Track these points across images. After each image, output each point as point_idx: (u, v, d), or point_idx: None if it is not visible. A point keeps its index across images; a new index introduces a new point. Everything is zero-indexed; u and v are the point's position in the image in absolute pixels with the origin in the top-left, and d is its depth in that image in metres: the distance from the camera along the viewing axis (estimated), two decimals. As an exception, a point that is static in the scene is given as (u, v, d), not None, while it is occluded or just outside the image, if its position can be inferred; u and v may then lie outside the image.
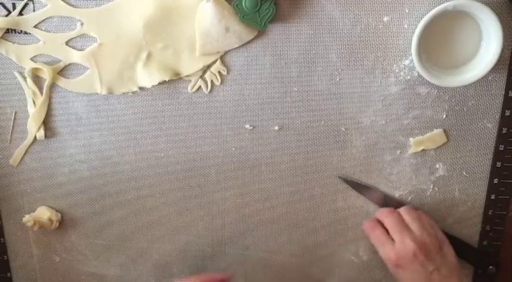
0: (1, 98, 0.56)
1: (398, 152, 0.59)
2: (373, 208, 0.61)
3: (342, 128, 0.58)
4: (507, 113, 0.57)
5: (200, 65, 0.54)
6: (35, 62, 0.54)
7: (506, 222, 0.61)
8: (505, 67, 0.55)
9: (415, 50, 0.51)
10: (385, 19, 0.53)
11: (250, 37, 0.53)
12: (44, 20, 0.53)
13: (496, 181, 0.59)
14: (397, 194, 0.60)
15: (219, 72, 0.55)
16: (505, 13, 0.52)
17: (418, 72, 0.54)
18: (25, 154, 0.58)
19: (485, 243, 0.62)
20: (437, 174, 0.59)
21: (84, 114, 0.57)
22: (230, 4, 0.51)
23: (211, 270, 0.64)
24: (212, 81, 0.55)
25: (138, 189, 0.60)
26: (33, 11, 0.52)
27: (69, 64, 0.54)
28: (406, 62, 0.55)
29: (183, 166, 0.59)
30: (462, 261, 0.59)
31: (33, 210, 0.60)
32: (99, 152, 0.58)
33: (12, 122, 0.57)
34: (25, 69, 0.54)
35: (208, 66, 0.55)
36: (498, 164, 0.58)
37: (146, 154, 0.58)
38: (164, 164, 0.59)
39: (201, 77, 0.55)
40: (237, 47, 0.54)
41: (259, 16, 0.51)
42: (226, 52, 0.54)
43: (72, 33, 0.53)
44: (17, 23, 0.52)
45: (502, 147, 0.58)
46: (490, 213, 0.60)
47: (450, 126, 0.58)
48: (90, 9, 0.52)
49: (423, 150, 0.58)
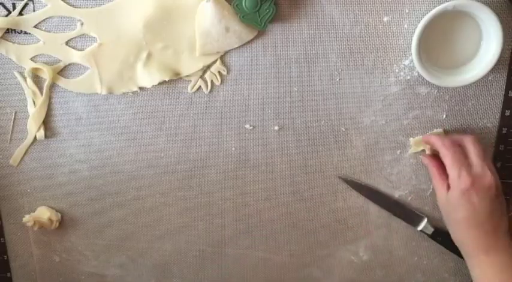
0: (1, 98, 0.56)
1: (399, 152, 0.59)
2: (373, 208, 0.61)
3: (342, 128, 0.58)
4: (507, 113, 0.57)
5: (200, 65, 0.54)
6: (35, 62, 0.54)
7: (507, 222, 0.61)
8: (505, 67, 0.55)
9: (415, 50, 0.51)
10: (385, 19, 0.53)
11: (250, 37, 0.53)
12: (44, 20, 0.53)
13: (496, 181, 0.59)
14: (397, 194, 0.60)
15: (219, 72, 0.55)
16: (505, 13, 0.52)
17: (418, 72, 0.54)
18: (25, 154, 0.58)
19: (485, 243, 0.62)
20: (438, 174, 0.59)
21: (84, 114, 0.57)
22: (230, 4, 0.51)
23: (211, 270, 0.64)
24: (212, 81, 0.55)
25: (138, 189, 0.60)
26: (33, 11, 0.52)
27: (69, 64, 0.54)
28: (406, 62, 0.55)
29: (183, 166, 0.59)
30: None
31: (33, 210, 0.60)
32: (99, 152, 0.58)
33: (12, 122, 0.57)
34: (25, 69, 0.54)
35: (208, 66, 0.55)
36: (498, 164, 0.58)
37: (146, 154, 0.58)
38: (164, 164, 0.59)
39: (201, 77, 0.55)
40: (237, 47, 0.54)
41: (259, 16, 0.51)
42: (226, 52, 0.54)
43: (72, 33, 0.53)
44: (17, 23, 0.52)
45: (502, 147, 0.58)
46: (490, 213, 0.60)
47: (450, 126, 0.57)
48: (90, 9, 0.52)
49: (423, 150, 0.58)
